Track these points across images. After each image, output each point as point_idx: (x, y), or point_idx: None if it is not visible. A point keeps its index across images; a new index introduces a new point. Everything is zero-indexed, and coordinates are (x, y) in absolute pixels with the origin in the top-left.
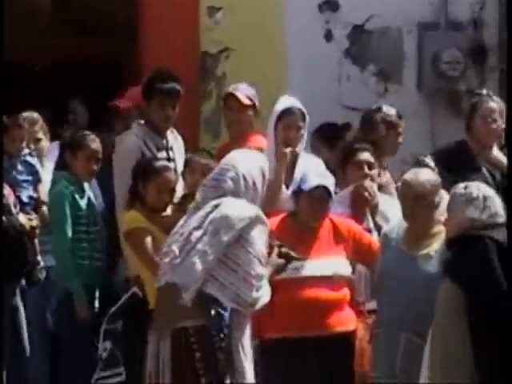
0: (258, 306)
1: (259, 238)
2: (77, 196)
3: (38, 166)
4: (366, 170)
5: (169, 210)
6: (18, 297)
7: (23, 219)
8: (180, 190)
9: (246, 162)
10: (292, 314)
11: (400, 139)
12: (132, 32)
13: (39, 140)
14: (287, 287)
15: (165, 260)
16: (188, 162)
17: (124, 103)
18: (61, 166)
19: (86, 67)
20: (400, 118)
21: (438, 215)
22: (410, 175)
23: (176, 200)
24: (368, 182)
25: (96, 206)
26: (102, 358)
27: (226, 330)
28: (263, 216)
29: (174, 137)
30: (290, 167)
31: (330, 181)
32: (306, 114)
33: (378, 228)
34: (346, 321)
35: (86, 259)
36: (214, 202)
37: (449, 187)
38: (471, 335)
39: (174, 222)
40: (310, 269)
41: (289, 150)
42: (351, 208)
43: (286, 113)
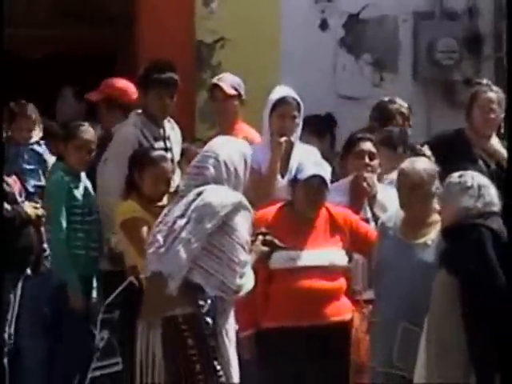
0: (241, 293)
1: (242, 225)
2: (72, 186)
3: (46, 155)
4: (367, 160)
5: (165, 200)
6: (19, 286)
7: (29, 208)
8: (177, 179)
9: (227, 148)
10: (288, 303)
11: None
12: (128, 22)
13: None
14: (284, 277)
15: (150, 250)
16: (185, 151)
17: (95, 96)
18: (58, 156)
19: (82, 57)
20: (410, 111)
21: (435, 204)
22: (406, 164)
23: (172, 190)
24: (367, 172)
25: (92, 195)
26: (99, 347)
27: (211, 317)
28: (246, 202)
29: (170, 126)
30: (285, 157)
31: (326, 170)
32: (301, 103)
33: (376, 218)
34: (343, 310)
35: (82, 249)
36: (197, 190)
37: (444, 175)
38: (465, 324)
39: None
40: (306, 259)
41: (284, 139)
42: (349, 197)
43: (281, 102)
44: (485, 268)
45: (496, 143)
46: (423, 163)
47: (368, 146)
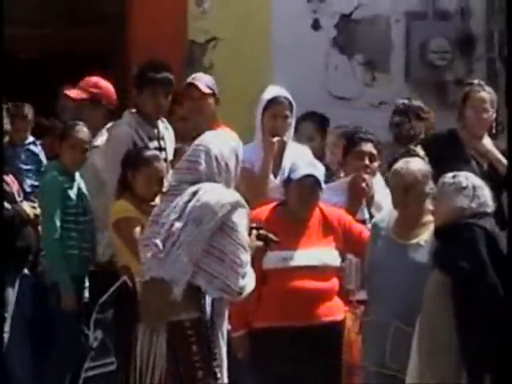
0: (244, 294)
1: (241, 224)
2: (66, 186)
3: (42, 155)
4: (367, 162)
5: (158, 200)
6: (16, 286)
7: (27, 207)
8: (170, 179)
9: (218, 143)
10: (280, 303)
11: None
12: (121, 22)
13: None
14: (276, 277)
15: (147, 254)
16: (177, 151)
17: (78, 94)
18: (53, 156)
19: (74, 57)
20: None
21: (428, 205)
22: (400, 165)
23: (165, 189)
24: (366, 174)
25: (85, 196)
26: (93, 347)
27: (211, 319)
28: (242, 200)
29: (164, 126)
30: (278, 156)
31: (319, 170)
32: (293, 103)
33: None
34: (335, 311)
35: (75, 249)
36: (192, 190)
37: (436, 176)
38: (457, 323)
39: None
40: (298, 259)
41: (276, 139)
42: (347, 198)
43: (273, 102)
44: (477, 267)
45: (488, 143)
46: (417, 163)
47: (369, 148)
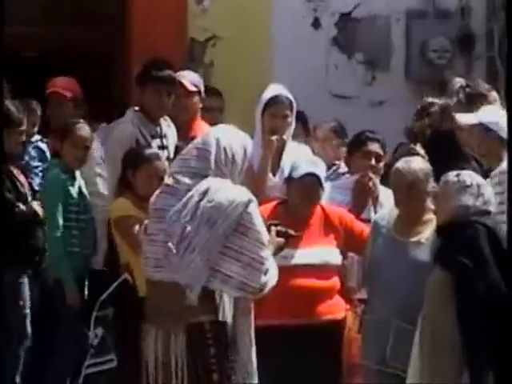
0: (266, 290)
1: (257, 221)
2: (69, 184)
3: (48, 153)
4: (373, 162)
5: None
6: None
7: (37, 207)
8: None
9: (229, 135)
10: (281, 301)
11: None
12: (121, 20)
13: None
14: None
15: (154, 250)
16: (179, 149)
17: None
18: (54, 153)
19: (75, 56)
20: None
21: (429, 203)
22: (401, 164)
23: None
24: (372, 174)
25: (86, 194)
26: (94, 344)
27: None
28: (253, 196)
29: (167, 124)
30: (277, 155)
31: (321, 168)
32: (294, 102)
33: None
34: (335, 309)
35: (77, 247)
36: (201, 189)
37: (436, 174)
38: (459, 321)
39: None
40: (299, 257)
41: (275, 137)
42: (353, 197)
43: (273, 101)
44: (480, 264)
45: None
46: (418, 162)
47: (375, 148)
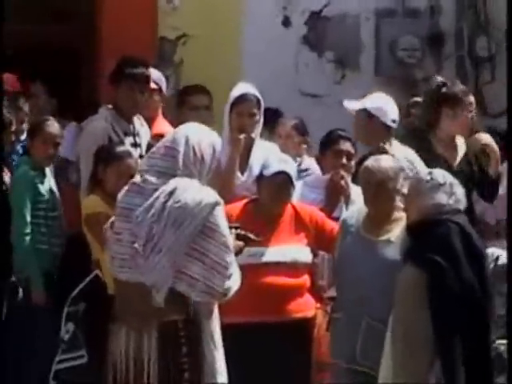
0: (230, 295)
1: (223, 224)
2: (37, 181)
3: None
4: (344, 161)
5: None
6: None
7: None
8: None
9: (198, 133)
10: (251, 299)
11: None
12: (91, 17)
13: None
14: (247, 273)
15: (124, 255)
16: (150, 147)
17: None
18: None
19: (44, 53)
20: None
21: (398, 202)
22: (371, 162)
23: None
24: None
25: (56, 191)
26: (65, 340)
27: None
28: (219, 198)
29: (140, 123)
30: (245, 153)
31: (291, 166)
32: (262, 100)
33: None
34: (305, 307)
35: (45, 244)
36: (168, 189)
37: None
38: (433, 318)
39: None
40: (270, 255)
41: (242, 135)
42: (325, 195)
43: (241, 99)
44: (452, 262)
45: (487, 137)
46: (388, 161)
47: (347, 146)
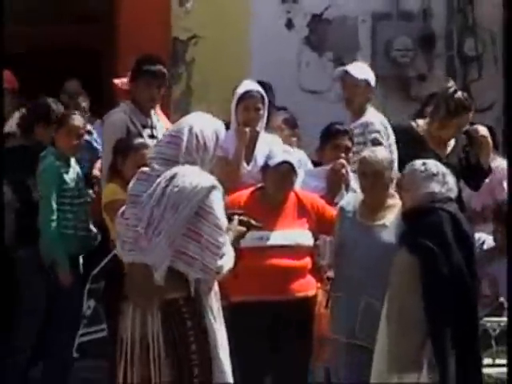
0: (222, 274)
1: (218, 207)
2: (63, 170)
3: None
4: (343, 154)
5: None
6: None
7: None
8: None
9: (201, 121)
10: (256, 279)
11: None
12: (110, 20)
13: None
14: (253, 255)
15: (129, 234)
16: None
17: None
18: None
19: (67, 53)
20: None
21: (391, 189)
22: (368, 153)
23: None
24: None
25: (81, 179)
26: (86, 315)
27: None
28: (217, 182)
29: (156, 118)
30: (251, 145)
31: (294, 157)
32: (265, 96)
33: None
34: (307, 287)
35: (71, 229)
36: (169, 174)
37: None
38: (425, 301)
39: None
40: (274, 238)
41: (248, 129)
42: (327, 184)
43: (246, 95)
44: (443, 248)
45: (482, 128)
46: (383, 152)
47: (345, 140)
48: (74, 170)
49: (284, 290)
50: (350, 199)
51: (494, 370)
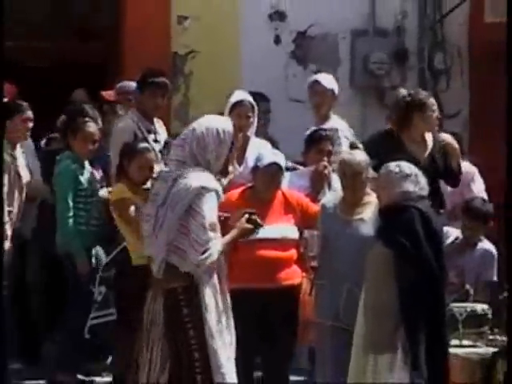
0: (203, 267)
1: (206, 207)
2: (78, 173)
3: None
4: (325, 158)
5: (149, 184)
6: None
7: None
8: (160, 166)
9: (206, 124)
10: (247, 268)
11: None
12: (115, 37)
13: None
14: (245, 247)
15: (146, 229)
16: (166, 144)
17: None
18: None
19: (76, 67)
20: None
21: (367, 188)
22: (347, 156)
23: (155, 175)
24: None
25: (94, 180)
26: (98, 300)
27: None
28: (211, 184)
29: (159, 124)
30: (242, 149)
31: (281, 158)
32: (255, 105)
33: None
34: (293, 276)
35: (84, 225)
36: (175, 176)
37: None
38: (398, 289)
39: None
40: (263, 232)
41: (240, 134)
42: (312, 183)
43: (238, 104)
44: (414, 243)
45: (448, 137)
46: (360, 154)
47: (327, 145)
48: (88, 171)
49: (272, 279)
50: (331, 197)
51: (461, 350)
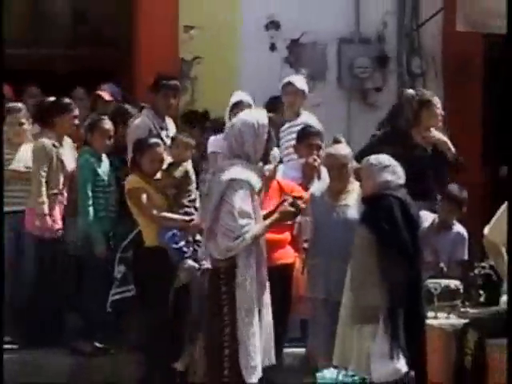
0: (234, 251)
1: (235, 197)
2: (96, 166)
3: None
4: (315, 151)
5: (159, 175)
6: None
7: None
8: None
9: (244, 118)
10: None
11: None
12: (128, 44)
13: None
14: None
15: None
16: (174, 139)
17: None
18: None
19: (92, 73)
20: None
21: (352, 177)
22: (333, 149)
23: (165, 167)
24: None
25: (111, 172)
26: (117, 278)
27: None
28: (242, 175)
29: (170, 122)
30: None
31: (275, 153)
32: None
33: None
34: (286, 256)
35: (103, 212)
36: (217, 169)
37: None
38: (379, 268)
39: (163, 183)
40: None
41: None
42: (302, 174)
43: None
44: (393, 228)
45: (438, 134)
46: (344, 148)
47: (317, 140)
48: (105, 164)
49: (268, 259)
50: (319, 186)
51: (436, 321)
